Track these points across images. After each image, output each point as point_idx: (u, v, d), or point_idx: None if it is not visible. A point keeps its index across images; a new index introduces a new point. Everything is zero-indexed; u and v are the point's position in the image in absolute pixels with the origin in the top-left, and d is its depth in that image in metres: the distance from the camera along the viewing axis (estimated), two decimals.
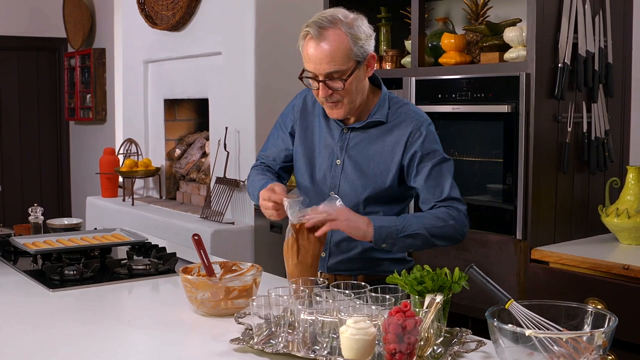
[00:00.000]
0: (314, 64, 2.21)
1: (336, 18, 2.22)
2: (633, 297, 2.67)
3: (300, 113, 2.48)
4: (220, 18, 4.97)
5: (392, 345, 1.68)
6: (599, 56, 3.19)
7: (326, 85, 2.22)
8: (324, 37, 2.18)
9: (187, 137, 5.86)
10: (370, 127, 2.35)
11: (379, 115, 2.33)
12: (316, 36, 2.19)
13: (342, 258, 2.39)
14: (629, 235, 3.07)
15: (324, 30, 2.19)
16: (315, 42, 2.19)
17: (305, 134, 2.46)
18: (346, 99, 2.26)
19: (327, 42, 2.18)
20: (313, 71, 2.23)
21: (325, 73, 2.21)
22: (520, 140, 3.07)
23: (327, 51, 2.18)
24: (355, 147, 2.35)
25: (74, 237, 3.01)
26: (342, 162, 2.35)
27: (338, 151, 2.36)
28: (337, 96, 2.25)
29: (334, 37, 2.19)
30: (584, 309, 1.69)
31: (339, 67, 2.20)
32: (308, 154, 2.44)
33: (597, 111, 3.23)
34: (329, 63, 2.19)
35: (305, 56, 2.24)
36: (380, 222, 2.19)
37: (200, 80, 5.28)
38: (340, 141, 2.37)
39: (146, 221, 4.96)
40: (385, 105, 2.34)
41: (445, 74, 3.41)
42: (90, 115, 7.52)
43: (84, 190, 7.56)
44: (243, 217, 4.84)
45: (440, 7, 4.02)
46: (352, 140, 2.35)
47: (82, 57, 7.61)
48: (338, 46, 2.19)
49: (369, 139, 2.34)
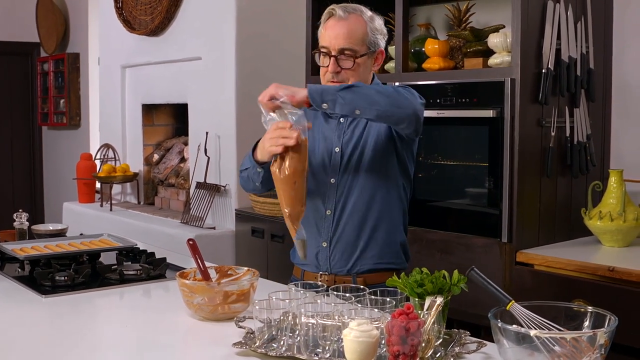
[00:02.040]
0: (331, 38, 2.35)
1: (359, 7, 2.41)
2: (619, 298, 2.72)
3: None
4: (200, 23, 4.97)
5: (396, 347, 1.70)
6: (581, 62, 3.25)
7: (337, 62, 2.34)
8: (347, 17, 2.36)
9: (165, 142, 5.84)
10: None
11: None
12: (340, 15, 2.35)
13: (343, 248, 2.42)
14: (611, 238, 3.12)
15: (347, 14, 2.36)
16: (337, 19, 2.36)
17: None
18: (351, 80, 2.35)
19: (348, 21, 2.35)
20: (327, 46, 2.36)
21: (339, 48, 2.34)
22: (505, 144, 3.11)
23: (346, 28, 2.34)
24: (350, 133, 2.42)
25: (62, 242, 2.99)
26: (341, 149, 2.42)
27: (335, 139, 2.43)
28: (344, 75, 2.36)
29: (355, 19, 2.37)
30: (584, 309, 1.72)
31: (353, 46, 2.34)
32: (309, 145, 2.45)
33: (580, 116, 3.29)
34: (345, 39, 2.34)
35: (323, 33, 2.39)
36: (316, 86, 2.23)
37: (179, 85, 5.27)
38: (337, 130, 2.44)
39: (126, 227, 4.94)
40: None
41: (430, 79, 3.45)
42: (64, 121, 7.47)
43: (58, 196, 7.50)
44: (224, 222, 4.84)
45: (421, 13, 4.05)
46: (348, 127, 2.43)
47: (55, 61, 7.55)
48: (357, 28, 2.35)
49: (362, 122, 2.42)
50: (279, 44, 4.84)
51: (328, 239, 2.43)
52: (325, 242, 2.43)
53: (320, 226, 2.43)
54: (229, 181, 4.79)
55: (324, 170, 2.43)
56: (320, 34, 2.41)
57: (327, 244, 2.43)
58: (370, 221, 2.41)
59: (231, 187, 4.78)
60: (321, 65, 2.41)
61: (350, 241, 2.41)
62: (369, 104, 2.17)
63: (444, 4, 3.83)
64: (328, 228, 2.42)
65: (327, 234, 2.43)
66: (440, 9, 3.94)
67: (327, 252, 2.43)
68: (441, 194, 3.45)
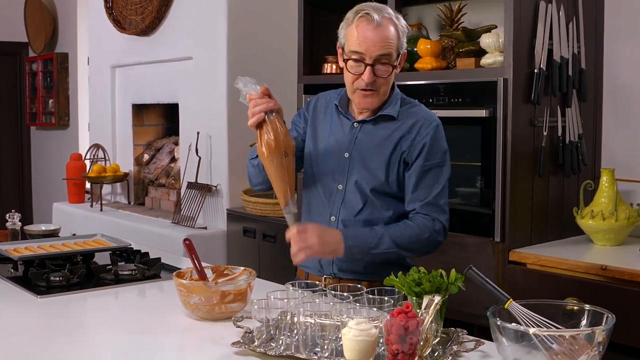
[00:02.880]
0: (368, 45, 2.24)
1: (386, 8, 2.30)
2: (611, 296, 2.74)
3: (314, 110, 2.51)
4: (191, 23, 4.96)
5: (395, 345, 1.71)
6: (573, 62, 3.27)
7: (373, 70, 2.26)
8: (382, 22, 2.24)
9: (155, 142, 5.84)
10: (380, 122, 2.36)
11: (391, 110, 2.35)
12: (376, 19, 2.23)
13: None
14: (603, 237, 3.14)
15: (382, 16, 2.25)
16: (374, 25, 2.23)
17: (316, 130, 2.47)
18: (383, 88, 2.30)
19: (383, 27, 2.24)
20: (364, 52, 2.24)
21: (376, 55, 2.24)
22: (498, 144, 3.13)
23: (383, 35, 2.24)
24: (362, 140, 2.36)
25: (56, 243, 2.98)
26: (350, 155, 2.36)
27: (347, 144, 2.38)
28: (378, 83, 2.28)
29: (389, 24, 2.27)
30: (582, 308, 1.73)
31: (390, 52, 2.25)
32: (317, 148, 2.45)
33: (571, 115, 3.31)
34: (383, 47, 2.24)
35: (356, 38, 2.25)
36: (352, 242, 2.24)
37: (170, 85, 5.27)
38: (350, 135, 2.38)
39: (117, 227, 4.93)
40: (397, 103, 2.37)
41: (422, 79, 3.46)
42: (52, 121, 7.44)
43: (47, 196, 7.47)
44: (215, 222, 4.84)
45: (413, 13, 4.07)
46: (361, 134, 2.37)
47: (44, 61, 7.53)
48: (392, 34, 2.26)
49: (377, 134, 2.36)
50: (270, 44, 4.85)
51: None
52: None
53: None
54: (221, 181, 4.79)
55: (331, 175, 2.38)
56: (349, 35, 2.28)
57: None
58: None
59: (223, 187, 4.78)
60: (350, 72, 2.29)
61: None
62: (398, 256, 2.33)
63: (435, 4, 3.85)
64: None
65: None
66: (431, 9, 3.95)
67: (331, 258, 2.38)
68: None
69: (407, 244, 2.29)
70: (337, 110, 2.43)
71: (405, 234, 2.29)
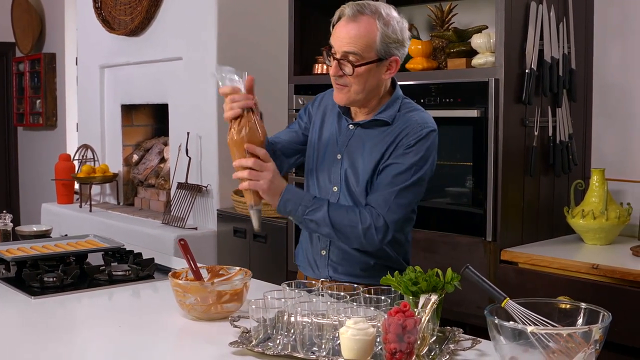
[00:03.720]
0: (337, 40, 2.23)
1: (377, 10, 2.22)
2: (603, 295, 2.76)
3: (319, 105, 2.50)
4: (181, 23, 4.96)
5: (393, 344, 1.72)
6: (563, 62, 3.29)
7: (339, 65, 2.24)
8: (356, 19, 2.20)
9: (144, 143, 5.82)
10: (374, 126, 2.32)
11: (385, 115, 2.30)
12: (349, 16, 2.21)
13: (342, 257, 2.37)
14: (594, 236, 3.16)
15: (359, 15, 2.20)
16: (346, 21, 2.21)
17: (321, 127, 2.46)
18: (353, 87, 2.24)
19: (356, 25, 2.19)
20: (334, 46, 2.25)
21: (342, 52, 2.21)
22: (489, 144, 3.14)
23: (352, 33, 2.19)
24: (354, 144, 2.34)
25: (48, 244, 2.97)
26: (342, 157, 2.35)
27: (341, 145, 2.36)
28: (345, 79, 2.24)
29: (365, 24, 2.19)
30: (578, 306, 1.75)
31: (356, 51, 2.19)
32: (318, 146, 2.44)
33: (562, 115, 3.33)
34: (349, 44, 2.19)
35: (333, 32, 2.26)
36: (289, 196, 2.22)
37: (159, 85, 5.26)
38: (344, 136, 2.36)
39: (107, 228, 4.92)
40: (394, 107, 2.31)
41: (414, 80, 3.47)
42: (40, 121, 7.41)
43: (35, 197, 7.44)
44: (206, 223, 4.83)
45: (403, 13, 4.02)
46: (355, 136, 2.35)
47: (31, 62, 7.49)
48: (364, 34, 2.19)
49: (369, 138, 2.32)
50: (260, 44, 4.85)
51: (326, 247, 2.38)
52: (324, 250, 2.38)
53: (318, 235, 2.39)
54: (211, 181, 4.79)
55: (328, 175, 2.38)
56: (332, 31, 2.28)
57: (326, 252, 2.38)
58: None
59: (213, 187, 4.78)
60: (327, 63, 2.32)
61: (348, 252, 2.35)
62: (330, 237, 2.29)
63: (425, 4, 3.86)
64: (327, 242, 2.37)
65: (325, 242, 2.38)
66: (421, 9, 3.96)
67: (325, 259, 2.39)
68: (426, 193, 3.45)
69: (341, 226, 2.21)
70: (340, 111, 2.41)
71: (344, 215, 2.21)
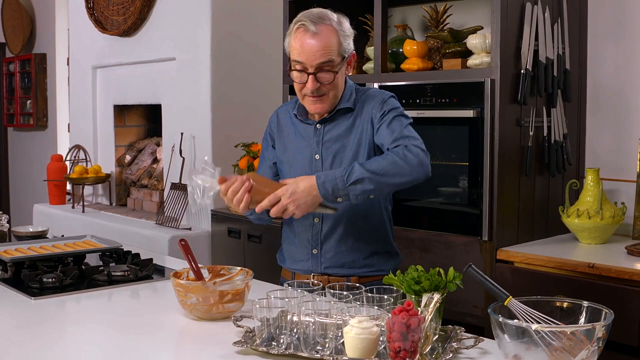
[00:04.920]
0: (307, 55, 2.28)
1: (326, 15, 2.33)
2: (599, 294, 2.78)
3: (277, 125, 2.56)
4: (174, 24, 4.96)
5: (397, 343, 1.74)
6: (558, 62, 3.31)
7: (315, 78, 2.29)
8: (319, 30, 2.28)
9: (137, 143, 5.82)
10: (339, 116, 2.42)
11: (346, 102, 2.41)
12: (312, 29, 2.28)
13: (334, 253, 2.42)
14: (589, 235, 3.19)
15: (318, 25, 2.29)
16: (310, 35, 2.28)
17: (284, 142, 2.52)
18: (332, 92, 2.34)
19: (321, 36, 2.28)
20: (305, 62, 2.29)
21: (316, 64, 2.28)
22: (485, 144, 3.16)
23: (321, 43, 2.28)
24: (330, 139, 2.42)
25: (46, 244, 2.97)
26: (320, 156, 2.41)
27: (315, 146, 2.42)
28: (323, 89, 2.32)
29: (327, 31, 2.30)
30: (580, 304, 1.77)
31: (330, 59, 2.29)
32: (288, 158, 2.50)
33: (556, 115, 3.35)
34: (323, 55, 2.28)
35: (296, 48, 2.31)
36: (323, 178, 2.19)
37: (152, 85, 5.25)
38: (315, 136, 2.43)
39: (101, 228, 4.91)
40: (352, 95, 2.43)
41: (409, 80, 3.49)
42: (30, 122, 7.39)
43: (26, 198, 7.42)
44: (200, 223, 4.83)
45: (397, 14, 4.10)
46: (327, 133, 2.42)
47: (21, 62, 7.47)
48: (331, 40, 2.29)
49: (341, 127, 2.41)
50: (254, 45, 4.85)
51: (318, 246, 2.44)
52: (316, 250, 2.44)
53: (308, 235, 2.44)
54: None
55: None
56: (291, 46, 2.33)
57: (318, 251, 2.44)
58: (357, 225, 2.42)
59: None
60: (296, 82, 2.34)
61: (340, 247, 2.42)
62: (380, 185, 2.19)
63: (420, 5, 3.88)
64: (317, 236, 2.43)
65: (316, 242, 2.44)
66: (415, 10, 3.98)
67: (318, 257, 2.44)
68: (422, 193, 3.49)
69: (381, 168, 2.19)
70: (297, 118, 2.48)
71: (377, 160, 2.22)
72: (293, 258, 2.51)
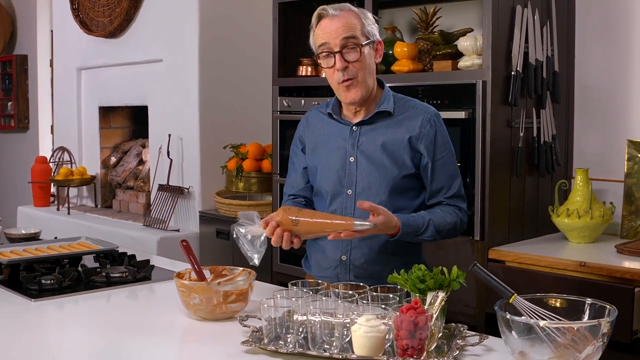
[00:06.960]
0: (329, 34, 2.30)
1: (347, 4, 2.38)
2: (591, 292, 2.81)
3: (307, 127, 2.54)
4: (161, 25, 4.95)
5: (405, 341, 1.77)
6: (547, 64, 3.36)
7: (342, 57, 2.30)
8: (339, 14, 2.32)
9: (122, 145, 5.80)
10: (378, 120, 2.39)
11: (386, 106, 2.39)
12: (333, 13, 2.32)
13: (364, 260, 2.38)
14: (578, 234, 3.24)
15: (340, 11, 2.33)
16: (331, 17, 2.32)
17: (315, 144, 2.49)
18: (360, 74, 2.32)
19: (342, 15, 2.32)
20: (328, 41, 2.31)
21: (340, 40, 2.29)
22: (477, 145, 3.20)
23: (342, 20, 2.31)
24: (366, 141, 2.38)
25: (41, 246, 2.97)
26: (355, 159, 2.38)
27: (350, 149, 2.39)
28: (352, 70, 2.31)
29: (348, 13, 2.34)
30: (583, 301, 1.80)
31: (354, 34, 2.30)
32: (321, 160, 2.46)
33: (546, 117, 3.40)
34: (345, 31, 2.29)
35: (319, 34, 2.34)
36: (406, 229, 2.27)
37: (138, 87, 5.24)
38: (351, 139, 2.40)
39: (87, 230, 4.89)
40: (390, 99, 2.41)
41: (400, 82, 3.51)
42: (12, 123, 7.33)
43: (8, 200, 7.36)
44: (187, 224, 4.84)
45: (385, 16, 4.13)
46: (362, 135, 2.39)
47: (2, 63, 7.42)
48: (352, 19, 2.33)
49: (379, 132, 2.38)
50: (242, 47, 4.87)
51: (348, 252, 2.39)
52: (345, 256, 2.39)
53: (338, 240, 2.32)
54: (193, 183, 4.79)
55: (339, 181, 2.39)
56: (315, 35, 2.35)
57: (347, 258, 2.39)
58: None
59: (195, 189, 4.78)
60: (326, 68, 2.34)
61: (371, 255, 2.38)
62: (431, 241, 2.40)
63: (409, 7, 3.91)
64: (347, 241, 2.36)
65: (346, 247, 2.39)
66: (403, 12, 4.01)
67: (347, 265, 2.39)
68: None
69: (445, 231, 2.37)
70: (332, 118, 2.45)
71: (445, 221, 2.36)
72: (320, 265, 2.46)
